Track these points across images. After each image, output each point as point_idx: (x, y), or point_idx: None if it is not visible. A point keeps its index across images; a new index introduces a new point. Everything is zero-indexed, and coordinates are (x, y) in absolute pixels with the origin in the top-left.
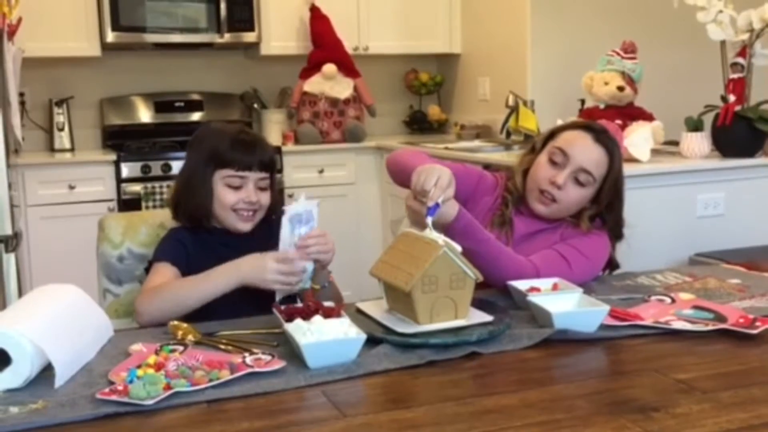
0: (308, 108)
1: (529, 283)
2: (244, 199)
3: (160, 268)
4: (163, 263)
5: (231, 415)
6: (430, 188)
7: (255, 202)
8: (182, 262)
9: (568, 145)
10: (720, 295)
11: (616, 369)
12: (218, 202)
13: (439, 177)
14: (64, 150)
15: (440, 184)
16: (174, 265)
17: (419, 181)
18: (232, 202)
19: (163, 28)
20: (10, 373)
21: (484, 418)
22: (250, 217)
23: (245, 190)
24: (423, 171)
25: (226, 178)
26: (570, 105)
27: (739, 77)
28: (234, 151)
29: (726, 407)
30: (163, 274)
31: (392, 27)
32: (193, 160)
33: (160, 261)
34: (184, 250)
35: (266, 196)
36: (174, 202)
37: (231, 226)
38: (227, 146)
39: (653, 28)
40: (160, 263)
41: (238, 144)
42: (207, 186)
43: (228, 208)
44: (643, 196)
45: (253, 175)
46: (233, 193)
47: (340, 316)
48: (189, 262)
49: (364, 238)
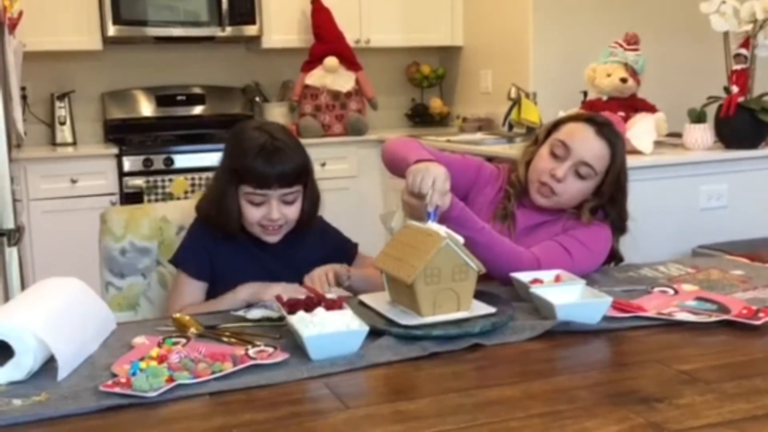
0: (310, 101)
1: (531, 274)
2: (266, 215)
3: (185, 285)
4: (187, 278)
5: (234, 407)
6: (427, 191)
7: (276, 219)
8: (206, 272)
9: (570, 137)
10: (723, 287)
11: (619, 360)
12: (244, 217)
13: (435, 179)
14: (65, 144)
15: (437, 187)
16: (198, 279)
17: (415, 183)
18: (255, 219)
19: (164, 22)
20: (13, 366)
21: (487, 410)
22: (276, 230)
23: (267, 207)
24: (418, 172)
25: (247, 195)
26: (572, 97)
27: (743, 68)
28: (254, 167)
29: (729, 398)
30: (190, 293)
31: (394, 20)
32: (222, 167)
33: (184, 271)
34: (207, 257)
35: (293, 209)
36: (204, 210)
37: (258, 237)
38: (248, 160)
39: (656, 20)
40: (185, 277)
41: (259, 156)
42: (235, 202)
43: (253, 224)
44: (646, 187)
45: (275, 192)
46: (255, 210)
47: (343, 308)
48: (214, 266)
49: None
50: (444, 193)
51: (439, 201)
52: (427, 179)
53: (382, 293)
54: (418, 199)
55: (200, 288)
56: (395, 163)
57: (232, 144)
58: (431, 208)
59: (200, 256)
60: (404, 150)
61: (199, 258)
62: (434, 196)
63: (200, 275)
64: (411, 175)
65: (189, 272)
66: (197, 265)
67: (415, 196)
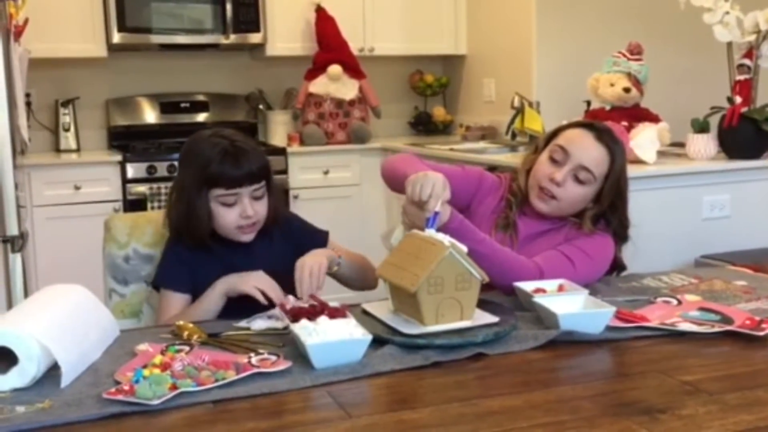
0: (313, 109)
1: (534, 284)
2: (241, 214)
3: (169, 300)
4: (170, 293)
5: (237, 415)
6: (427, 197)
7: (252, 216)
8: (187, 284)
9: (569, 142)
10: (726, 297)
11: (622, 370)
12: (217, 221)
13: (434, 185)
14: (69, 150)
15: (435, 192)
16: (180, 292)
17: (415, 192)
18: (231, 221)
19: (168, 29)
20: (16, 373)
21: (489, 420)
22: (251, 228)
23: (240, 205)
24: (417, 181)
25: (219, 197)
26: (576, 106)
27: (746, 79)
28: (222, 169)
29: (732, 409)
30: (174, 306)
31: (398, 28)
32: (185, 179)
33: (166, 288)
34: (187, 270)
35: (262, 205)
36: (174, 224)
37: (233, 239)
38: (215, 165)
39: (659, 30)
40: (168, 292)
41: (225, 160)
42: (206, 209)
43: (228, 226)
44: (649, 197)
45: (245, 189)
46: (229, 211)
47: (346, 316)
48: (194, 278)
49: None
50: (443, 198)
51: (438, 206)
52: (426, 186)
53: (385, 302)
54: (420, 208)
55: (184, 300)
56: (395, 179)
57: (192, 154)
58: (429, 213)
59: (179, 271)
60: (403, 165)
61: (179, 272)
62: (432, 202)
63: (182, 288)
64: (410, 184)
65: (172, 288)
66: (178, 280)
67: (416, 204)
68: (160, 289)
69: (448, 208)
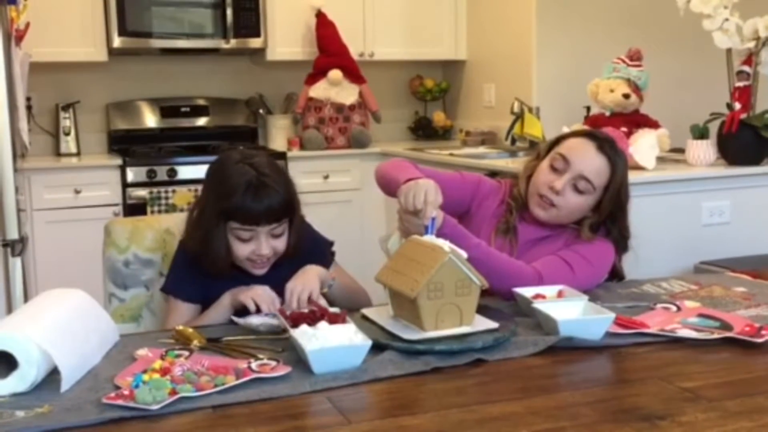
0: (313, 114)
1: (534, 290)
2: (255, 251)
3: (178, 308)
4: (179, 303)
5: (236, 420)
6: (421, 206)
7: (265, 254)
8: (196, 294)
9: (570, 151)
10: (726, 304)
11: (622, 377)
12: (232, 252)
13: (426, 192)
14: (70, 154)
15: (429, 199)
16: (189, 302)
17: (409, 202)
18: (244, 254)
19: (169, 34)
20: (16, 377)
21: (489, 426)
22: (264, 264)
23: (255, 242)
24: (409, 190)
25: (234, 231)
26: (575, 112)
27: (745, 85)
28: (242, 204)
29: (732, 416)
30: (181, 315)
31: (398, 33)
32: (206, 203)
33: (176, 297)
34: (198, 283)
35: (281, 242)
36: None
37: (246, 269)
38: (235, 198)
39: (659, 36)
40: (177, 302)
41: (247, 193)
42: (223, 241)
43: (241, 259)
44: (649, 203)
45: (263, 228)
46: (244, 246)
47: (346, 322)
48: (206, 290)
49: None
50: (435, 203)
51: (434, 213)
52: (419, 195)
53: (384, 307)
54: (415, 216)
55: (193, 310)
56: (389, 185)
57: (216, 180)
58: (427, 221)
59: (190, 281)
60: (395, 171)
61: (190, 282)
62: (428, 209)
63: (192, 298)
64: (402, 195)
65: (181, 297)
66: (188, 289)
67: (412, 213)
68: (169, 298)
69: (441, 213)
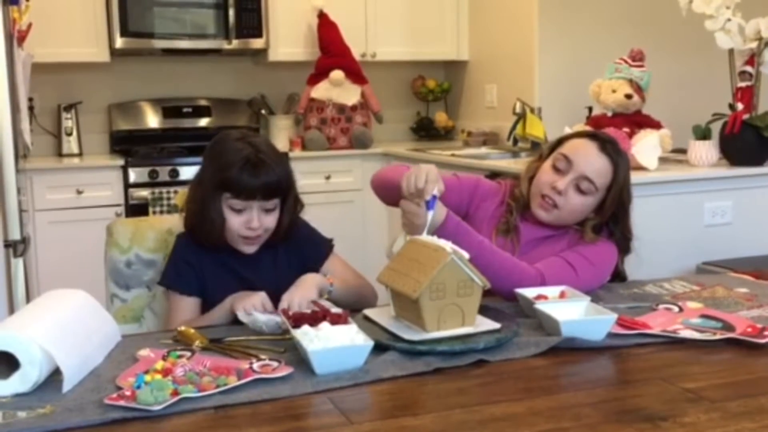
0: (315, 114)
1: (536, 290)
2: (246, 223)
3: (179, 303)
4: (179, 296)
5: (238, 421)
6: (422, 184)
7: (257, 228)
8: (196, 287)
9: (572, 152)
10: (728, 304)
11: (624, 377)
12: (225, 224)
13: (428, 173)
14: (72, 155)
15: (431, 178)
16: (190, 296)
17: (410, 183)
18: (235, 226)
19: (171, 34)
20: (18, 378)
21: (491, 426)
22: (254, 240)
23: (247, 214)
24: (410, 174)
25: (228, 200)
26: (577, 112)
27: (747, 85)
28: (238, 177)
29: (734, 417)
30: (183, 310)
31: (400, 34)
32: (204, 177)
33: (174, 290)
34: (194, 273)
35: (271, 218)
36: (188, 222)
37: (237, 247)
38: (232, 171)
39: (661, 36)
40: (176, 295)
41: (244, 169)
42: (218, 210)
43: (233, 232)
44: (651, 204)
45: (256, 202)
46: (236, 216)
47: (348, 322)
48: (202, 281)
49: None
50: (437, 182)
51: (435, 189)
52: (420, 175)
53: (386, 308)
54: (417, 200)
55: (194, 304)
56: (387, 187)
57: (214, 154)
58: (428, 196)
59: (187, 273)
60: (392, 173)
61: (187, 274)
62: (429, 186)
63: (191, 291)
64: (404, 180)
65: (179, 290)
66: (186, 282)
67: (414, 197)
68: (169, 293)
69: (443, 209)
